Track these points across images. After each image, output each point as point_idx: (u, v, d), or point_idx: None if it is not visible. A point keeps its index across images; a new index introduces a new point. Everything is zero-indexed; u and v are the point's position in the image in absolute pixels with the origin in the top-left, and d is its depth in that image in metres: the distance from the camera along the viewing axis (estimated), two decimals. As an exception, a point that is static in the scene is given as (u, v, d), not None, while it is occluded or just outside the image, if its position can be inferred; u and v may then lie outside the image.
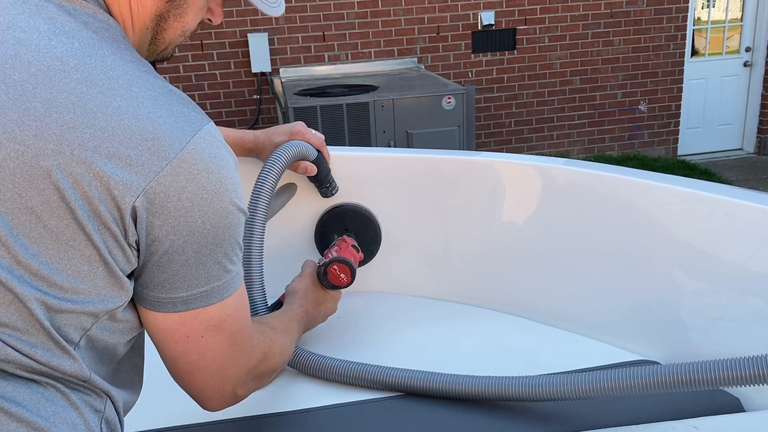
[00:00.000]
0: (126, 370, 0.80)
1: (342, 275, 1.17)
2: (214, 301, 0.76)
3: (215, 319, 0.77)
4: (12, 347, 0.64)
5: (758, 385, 0.80)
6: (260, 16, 4.82)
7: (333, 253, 1.24)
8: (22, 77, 0.65)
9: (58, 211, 0.64)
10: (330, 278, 1.17)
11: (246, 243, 1.10)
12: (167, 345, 0.77)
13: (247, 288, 1.09)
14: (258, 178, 1.15)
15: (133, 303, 0.75)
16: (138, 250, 0.70)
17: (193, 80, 4.89)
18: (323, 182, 1.35)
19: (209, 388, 0.81)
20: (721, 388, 0.85)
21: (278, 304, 1.19)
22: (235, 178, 0.75)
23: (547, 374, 0.97)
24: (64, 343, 0.66)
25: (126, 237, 0.68)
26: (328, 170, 1.35)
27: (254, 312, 1.12)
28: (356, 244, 1.33)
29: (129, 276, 0.71)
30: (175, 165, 0.68)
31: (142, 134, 0.67)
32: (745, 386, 0.81)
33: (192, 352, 0.77)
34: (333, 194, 1.38)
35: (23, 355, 0.64)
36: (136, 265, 0.71)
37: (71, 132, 0.64)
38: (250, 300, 1.10)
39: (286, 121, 3.93)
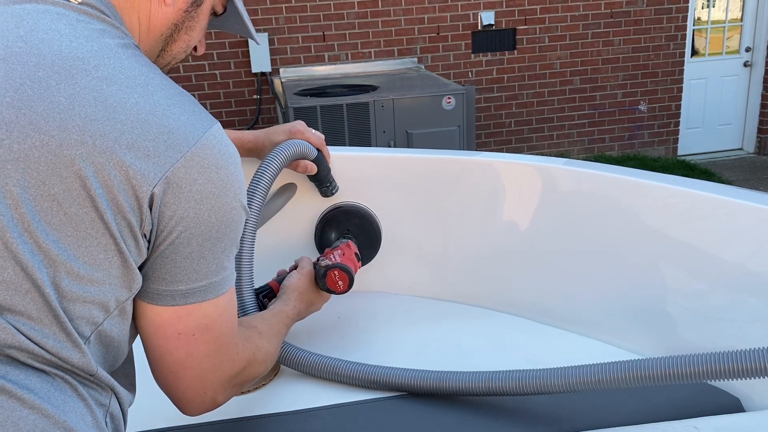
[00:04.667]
0: (125, 374, 0.80)
1: (340, 282, 1.17)
2: (210, 297, 0.77)
3: (208, 317, 0.78)
4: (24, 335, 0.65)
5: (743, 379, 0.81)
6: (260, 16, 4.82)
7: (336, 256, 1.23)
8: (46, 74, 0.68)
9: (79, 199, 0.67)
10: (328, 282, 1.17)
11: None
12: (157, 341, 0.78)
13: (236, 288, 1.09)
14: (255, 175, 1.15)
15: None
16: (149, 241, 0.73)
17: (193, 80, 4.89)
18: (323, 181, 1.35)
19: (190, 391, 0.82)
20: (707, 381, 0.85)
21: (266, 289, 1.18)
22: (241, 177, 0.79)
23: (539, 369, 0.97)
24: (75, 335, 0.68)
25: (141, 227, 0.71)
26: (329, 169, 1.35)
27: (244, 311, 1.11)
28: (358, 252, 1.32)
29: (139, 268, 0.74)
30: (189, 158, 0.72)
31: (159, 128, 0.71)
32: (731, 380, 0.82)
33: (181, 350, 0.78)
34: (333, 193, 1.38)
35: (34, 343, 0.66)
36: (145, 257, 0.73)
37: (93, 124, 0.68)
38: (239, 300, 1.11)
39: (286, 121, 3.93)
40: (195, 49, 0.95)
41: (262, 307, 1.14)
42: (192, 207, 0.72)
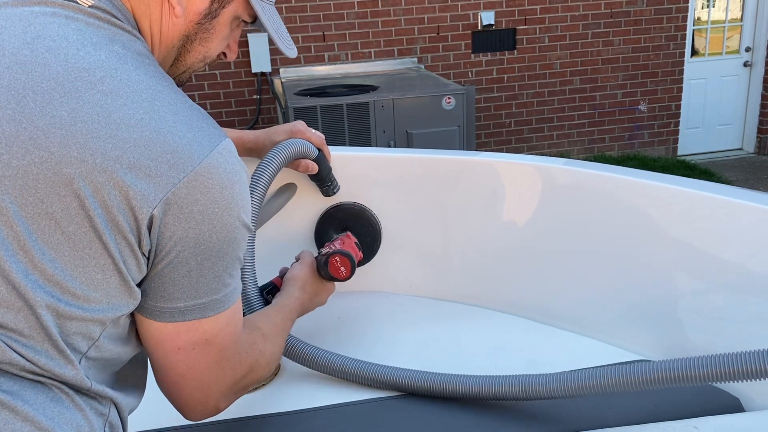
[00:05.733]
0: (130, 378, 0.81)
1: (342, 268, 1.17)
2: (210, 314, 0.77)
3: (208, 333, 0.78)
4: (16, 352, 0.65)
5: (747, 381, 0.81)
6: (260, 16, 4.81)
7: (336, 245, 1.24)
8: (50, 86, 0.67)
9: (77, 218, 0.66)
10: (330, 269, 1.16)
11: None
12: (158, 354, 0.78)
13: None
14: (254, 173, 1.15)
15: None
16: (148, 259, 0.72)
17: (194, 80, 4.88)
18: (324, 181, 1.35)
19: (193, 400, 0.82)
20: (712, 384, 0.85)
21: (269, 285, 1.18)
22: (246, 195, 0.77)
23: (542, 373, 0.97)
24: (68, 352, 0.67)
25: (140, 246, 0.69)
26: (329, 168, 1.35)
27: (250, 309, 1.11)
28: (358, 243, 1.33)
29: (138, 284, 0.73)
30: (192, 178, 0.70)
31: (163, 147, 0.69)
32: (735, 382, 0.81)
33: (181, 363, 0.78)
34: (335, 193, 1.38)
35: (26, 360, 0.65)
36: (145, 274, 0.73)
37: (95, 141, 0.66)
38: (244, 297, 1.10)
39: (286, 121, 3.93)
40: (224, 54, 0.92)
41: (266, 304, 1.14)
42: (192, 227, 0.71)
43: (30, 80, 0.66)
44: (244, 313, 1.08)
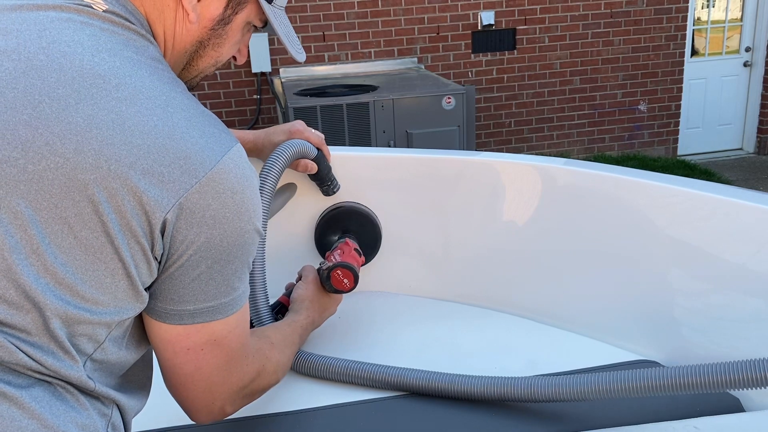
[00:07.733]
0: (135, 380, 0.81)
1: (345, 280, 1.17)
2: (220, 317, 0.77)
3: (217, 335, 0.78)
4: (23, 352, 0.65)
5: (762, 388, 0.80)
6: (260, 16, 4.81)
7: (336, 256, 1.24)
8: (65, 92, 0.67)
9: (90, 223, 0.67)
10: (333, 283, 1.18)
11: None
12: (167, 355, 0.78)
13: (250, 294, 1.10)
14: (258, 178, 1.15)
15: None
16: (160, 263, 0.72)
17: (193, 80, 4.88)
18: (324, 180, 1.35)
19: (199, 402, 0.83)
20: (726, 390, 0.84)
21: (278, 305, 1.19)
22: (257, 200, 0.78)
23: (550, 375, 0.97)
24: (74, 353, 0.68)
25: (153, 250, 0.70)
26: (329, 168, 1.35)
27: (258, 320, 1.12)
28: (358, 248, 1.33)
29: (148, 288, 0.74)
30: (204, 183, 0.71)
31: (175, 153, 0.70)
32: (750, 389, 0.80)
33: (189, 364, 0.78)
34: (335, 192, 1.38)
35: (34, 360, 0.66)
36: (155, 277, 0.73)
37: (110, 148, 0.67)
38: (254, 306, 1.12)
39: (286, 121, 3.93)
40: (234, 58, 0.93)
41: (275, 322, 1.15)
42: (204, 232, 0.72)
43: (46, 85, 0.67)
44: (254, 326, 1.09)
